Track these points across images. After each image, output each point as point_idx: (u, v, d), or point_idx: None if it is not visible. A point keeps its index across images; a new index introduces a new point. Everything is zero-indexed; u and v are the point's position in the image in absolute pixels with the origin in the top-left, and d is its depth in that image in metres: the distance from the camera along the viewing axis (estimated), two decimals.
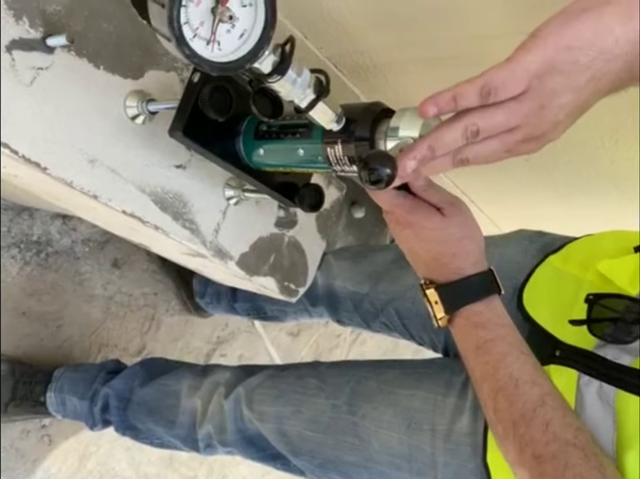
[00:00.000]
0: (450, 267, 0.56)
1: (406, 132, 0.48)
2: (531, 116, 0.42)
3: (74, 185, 0.60)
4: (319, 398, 0.77)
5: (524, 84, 0.41)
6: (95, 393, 1.02)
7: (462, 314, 0.56)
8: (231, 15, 0.38)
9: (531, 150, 0.45)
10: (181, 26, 0.37)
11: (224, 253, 0.76)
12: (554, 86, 0.40)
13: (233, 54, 0.41)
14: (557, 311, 0.66)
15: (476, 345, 0.55)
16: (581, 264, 0.69)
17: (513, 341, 0.54)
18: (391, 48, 0.73)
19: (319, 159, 0.55)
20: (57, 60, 0.57)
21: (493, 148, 0.44)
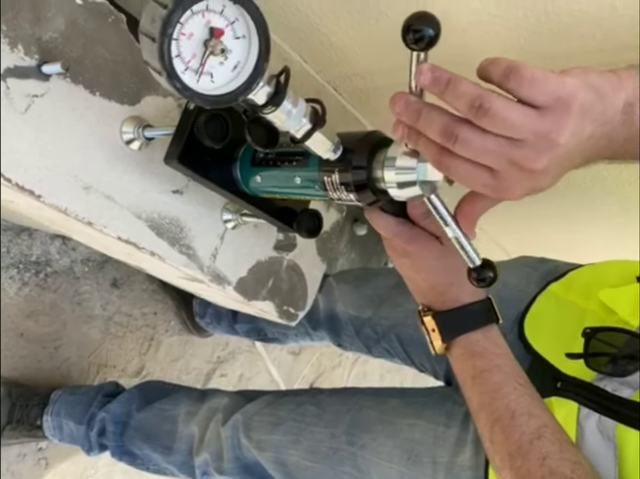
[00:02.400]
0: (448, 295, 0.55)
1: (404, 162, 0.48)
2: (540, 136, 0.36)
3: (69, 212, 0.60)
4: (318, 426, 0.76)
5: (551, 97, 0.36)
6: (92, 417, 1.00)
7: (459, 343, 0.55)
8: (223, 49, 0.37)
9: (512, 186, 0.39)
10: (172, 60, 0.36)
11: (222, 278, 0.75)
12: (571, 121, 0.36)
13: (226, 86, 0.40)
14: (559, 341, 0.65)
15: (473, 375, 0.54)
16: (583, 293, 0.68)
17: (510, 371, 0.53)
18: (392, 72, 0.72)
19: (316, 187, 0.54)
20: (53, 88, 0.57)
21: (490, 146, 0.37)
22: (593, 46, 0.58)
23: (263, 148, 0.50)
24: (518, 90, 0.36)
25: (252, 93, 0.41)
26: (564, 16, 0.54)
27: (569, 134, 0.37)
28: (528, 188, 0.40)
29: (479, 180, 0.40)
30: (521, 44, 0.61)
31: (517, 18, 0.57)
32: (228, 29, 0.39)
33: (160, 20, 0.35)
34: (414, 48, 0.38)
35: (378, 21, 0.63)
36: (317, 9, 0.63)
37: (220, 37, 0.38)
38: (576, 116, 0.36)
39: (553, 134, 0.36)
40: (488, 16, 0.58)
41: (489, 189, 0.40)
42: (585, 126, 0.37)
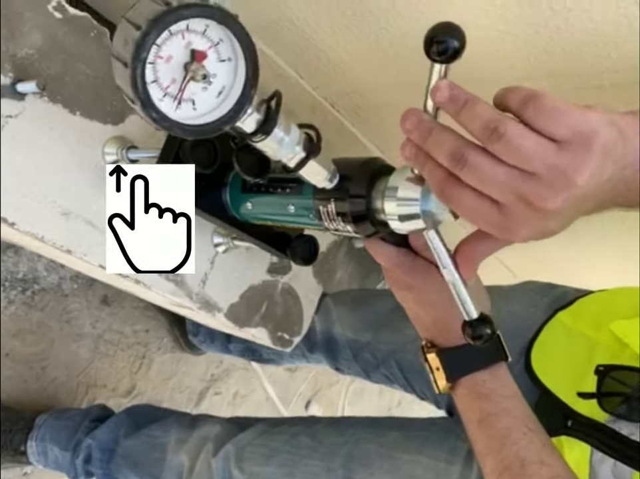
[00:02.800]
0: (453, 331, 0.51)
1: (406, 192, 0.44)
2: (556, 173, 0.32)
3: (46, 240, 0.56)
4: (313, 459, 0.72)
5: (571, 130, 0.32)
6: (78, 443, 0.96)
7: (464, 382, 0.52)
8: (205, 74, 0.33)
9: (518, 225, 0.35)
10: (146, 87, 0.32)
11: (212, 305, 0.71)
12: (592, 160, 0.32)
13: (210, 114, 0.36)
14: (569, 376, 0.61)
15: (479, 418, 0.50)
16: (594, 323, 0.64)
17: (519, 415, 0.50)
18: (391, 89, 0.69)
19: (310, 216, 0.51)
20: (28, 107, 0.53)
21: (500, 176, 0.33)
22: (607, 66, 0.54)
23: (253, 177, 0.46)
24: (537, 119, 0.33)
25: (239, 121, 0.37)
26: (578, 34, 0.51)
27: (589, 175, 0.32)
28: (536, 230, 0.36)
29: (483, 215, 0.36)
30: (531, 63, 0.57)
31: (527, 35, 0.53)
32: (211, 51, 0.35)
33: (133, 44, 0.31)
34: (436, 60, 0.34)
35: (378, 37, 0.60)
36: (314, 24, 0.60)
37: (202, 61, 0.34)
38: (598, 155, 0.32)
39: (571, 172, 0.32)
40: (496, 32, 0.54)
41: (494, 226, 0.36)
42: (606, 167, 0.33)
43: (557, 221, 0.35)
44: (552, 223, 0.35)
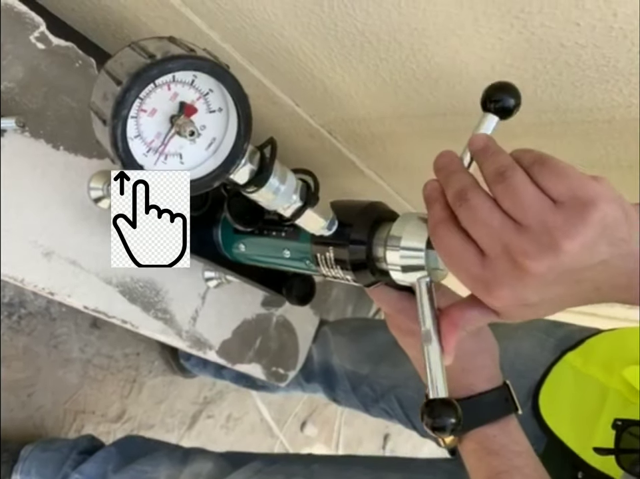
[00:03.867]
0: (460, 383, 0.49)
1: (410, 242, 0.41)
2: (545, 230, 0.31)
3: (26, 282, 0.53)
4: None
5: (569, 193, 0.31)
6: (64, 478, 0.92)
7: (472, 437, 0.48)
8: (193, 131, 0.30)
9: (496, 284, 0.33)
10: (127, 145, 0.29)
11: (202, 343, 0.68)
12: (584, 228, 0.30)
13: (199, 168, 0.33)
14: (580, 424, 0.58)
15: (488, 476, 0.47)
16: (604, 366, 0.61)
17: (531, 474, 0.46)
18: (391, 119, 0.66)
19: (307, 262, 0.48)
20: (8, 144, 0.50)
21: (493, 221, 0.33)
22: (619, 101, 0.51)
23: (246, 226, 0.43)
24: (541, 176, 0.32)
25: (232, 174, 0.35)
26: (589, 71, 0.48)
27: (578, 244, 0.30)
28: (514, 296, 0.33)
29: (466, 263, 0.34)
30: (538, 96, 0.54)
31: (535, 70, 0.50)
32: (200, 102, 0.32)
33: (113, 99, 0.28)
34: (491, 111, 0.40)
35: (378, 68, 0.57)
36: (310, 53, 0.57)
37: (192, 115, 0.31)
38: (592, 226, 0.30)
39: (559, 234, 0.31)
40: (502, 66, 0.51)
41: (473, 279, 0.34)
42: (599, 244, 0.31)
43: (538, 293, 0.33)
44: (532, 294, 0.33)
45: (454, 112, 0.60)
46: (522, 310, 0.35)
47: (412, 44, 0.52)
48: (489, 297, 0.34)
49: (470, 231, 0.34)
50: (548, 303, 0.34)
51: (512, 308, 0.34)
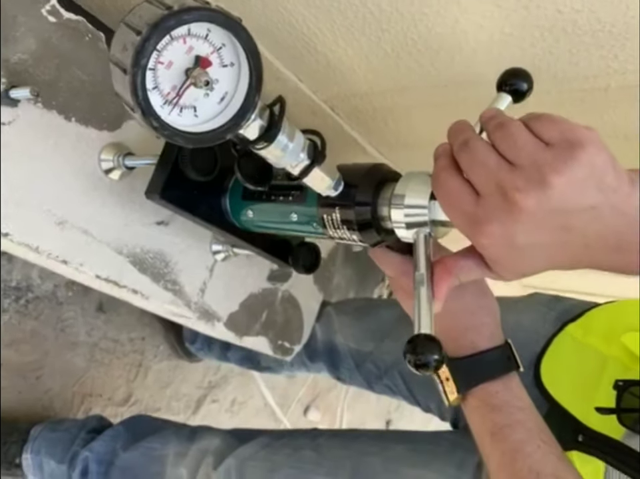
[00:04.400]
0: (463, 341, 0.50)
1: (413, 199, 0.42)
2: (535, 166, 0.33)
3: (41, 250, 0.54)
4: (317, 474, 0.70)
5: (560, 135, 0.33)
6: (74, 456, 0.94)
7: (475, 394, 0.50)
8: (207, 81, 0.32)
9: (487, 219, 0.34)
10: (147, 94, 0.31)
11: (211, 314, 0.70)
12: (572, 165, 0.32)
13: (212, 121, 0.35)
14: (580, 390, 0.60)
15: (491, 431, 0.48)
16: (604, 336, 0.63)
17: (533, 427, 0.48)
18: (392, 93, 0.68)
19: (314, 224, 0.49)
20: (22, 114, 0.52)
21: (489, 161, 0.35)
22: (614, 67, 0.53)
23: (255, 185, 0.45)
24: (535, 124, 0.35)
25: (242, 128, 0.36)
26: (585, 37, 0.50)
27: (566, 179, 0.32)
28: (503, 233, 0.34)
29: (460, 201, 0.36)
30: (536, 65, 0.56)
31: (533, 38, 0.52)
32: (214, 56, 0.33)
33: (132, 49, 0.29)
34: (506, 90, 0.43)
35: (380, 39, 0.58)
36: (314, 27, 0.58)
37: (207, 68, 0.32)
38: (581, 164, 0.32)
39: (548, 169, 0.33)
40: (501, 35, 0.53)
41: (465, 216, 0.36)
42: (588, 186, 0.33)
43: (526, 233, 0.34)
44: (521, 234, 0.34)
45: (454, 82, 0.62)
46: (510, 255, 0.36)
47: (413, 15, 0.54)
48: (479, 234, 0.35)
49: (467, 173, 0.36)
50: (536, 251, 0.35)
51: (500, 249, 0.35)
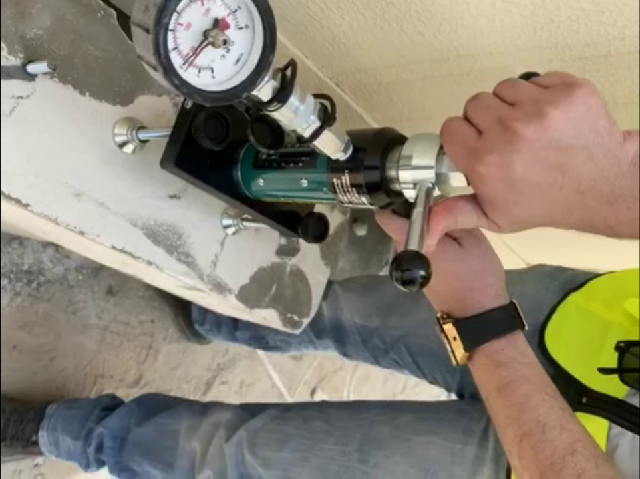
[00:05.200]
0: (469, 301, 0.52)
1: (421, 160, 0.44)
2: (533, 102, 0.36)
3: (59, 221, 0.56)
4: (328, 443, 0.72)
5: (559, 80, 0.36)
6: (89, 432, 0.96)
7: (482, 351, 0.52)
8: (225, 40, 0.34)
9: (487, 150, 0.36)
10: (168, 53, 0.33)
11: (223, 287, 0.72)
12: (568, 103, 0.35)
13: (228, 81, 0.36)
14: (583, 354, 0.62)
15: (498, 386, 0.50)
16: (606, 303, 0.65)
17: (538, 382, 0.50)
18: (396, 67, 0.69)
19: (324, 189, 0.51)
20: (39, 88, 0.53)
21: (492, 102, 0.38)
22: (614, 33, 0.54)
23: (268, 148, 0.46)
24: (538, 79, 0.38)
25: (257, 89, 0.38)
26: (585, 3, 0.51)
27: (562, 112, 0.35)
28: (501, 164, 0.36)
29: (463, 137, 0.38)
30: (537, 33, 0.57)
31: (534, 5, 0.53)
32: (230, 18, 0.35)
33: (155, 9, 0.31)
34: None
35: (384, 12, 0.60)
36: (319, 1, 0.60)
37: (225, 29, 0.34)
38: (576, 101, 0.35)
39: (546, 104, 0.35)
40: (502, 3, 0.54)
41: (466, 150, 0.38)
42: (583, 124, 0.35)
43: (523, 165, 0.35)
44: (518, 165, 0.35)
45: (457, 55, 0.63)
46: (507, 194, 0.37)
47: None
48: (479, 163, 0.37)
49: (471, 116, 0.38)
50: (533, 192, 0.37)
51: (498, 183, 0.37)
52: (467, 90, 0.69)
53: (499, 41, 0.60)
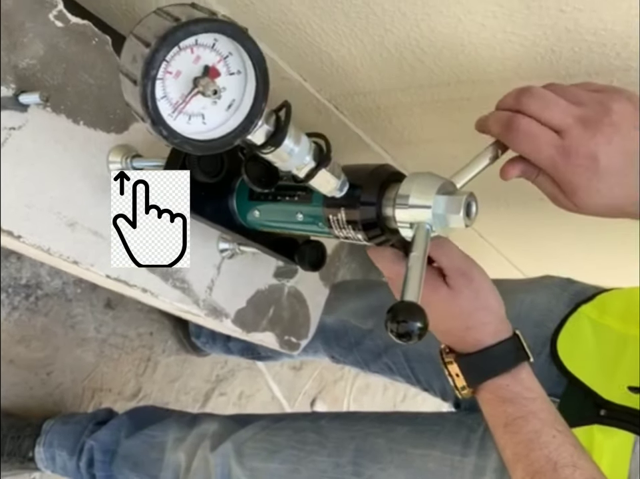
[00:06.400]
0: (467, 339, 0.51)
1: (418, 199, 0.43)
2: (596, 102, 0.41)
3: (52, 252, 0.55)
4: (320, 455, 0.70)
5: (596, 87, 0.43)
6: (82, 447, 0.95)
7: (486, 387, 0.50)
8: (215, 90, 0.33)
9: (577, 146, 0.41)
10: (156, 104, 0.32)
11: (219, 311, 0.71)
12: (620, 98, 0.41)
13: (220, 128, 0.36)
14: (600, 367, 0.61)
15: (505, 423, 0.49)
16: (621, 317, 0.64)
17: (546, 418, 0.48)
18: (396, 91, 0.68)
19: (320, 224, 0.50)
20: (31, 119, 0.52)
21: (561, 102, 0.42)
22: (617, 65, 0.53)
23: (262, 187, 0.46)
24: (579, 84, 0.44)
25: (249, 134, 0.37)
26: (587, 35, 0.50)
27: (623, 107, 0.41)
28: (592, 156, 0.40)
29: (547, 140, 0.42)
30: (538, 62, 0.56)
31: (535, 36, 0.52)
32: (221, 65, 0.34)
33: (142, 60, 0.30)
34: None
35: (383, 39, 0.59)
36: (317, 27, 0.59)
37: (216, 78, 0.33)
38: (626, 98, 0.41)
39: (607, 101, 0.41)
40: (503, 34, 0.53)
41: (555, 148, 0.41)
42: (634, 112, 0.41)
43: (607, 154, 0.40)
44: (604, 154, 0.40)
45: (457, 81, 0.62)
46: (593, 180, 0.41)
47: (415, 15, 0.54)
48: (574, 161, 0.41)
49: (541, 114, 0.41)
50: (612, 179, 0.41)
51: (587, 173, 0.41)
52: (468, 115, 0.68)
53: (501, 69, 0.59)
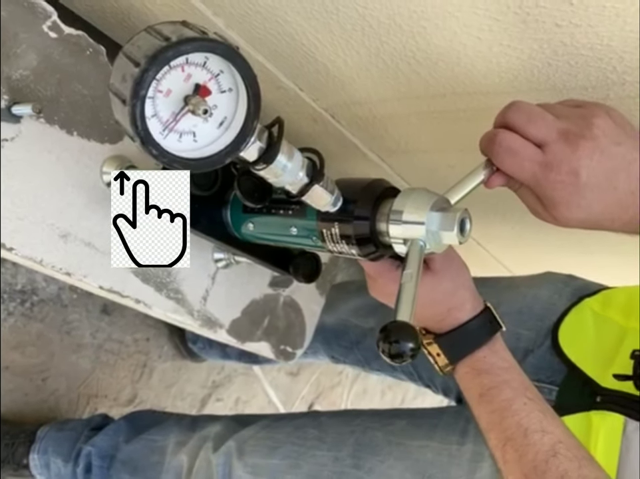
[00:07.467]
0: (447, 320, 0.52)
1: (411, 216, 0.43)
2: (579, 116, 0.43)
3: (44, 263, 0.55)
4: (320, 450, 0.70)
5: (577, 102, 0.45)
6: (78, 453, 0.95)
7: (465, 362, 0.52)
8: (206, 109, 0.32)
9: (558, 162, 0.41)
10: (146, 124, 0.31)
11: (213, 322, 0.71)
12: (601, 113, 0.42)
13: (211, 145, 0.35)
14: (598, 356, 0.62)
15: (480, 393, 0.50)
16: (623, 311, 0.65)
17: (518, 386, 0.50)
18: (392, 101, 0.68)
19: (314, 238, 0.50)
20: (24, 130, 0.52)
21: (546, 116, 0.43)
22: (613, 79, 0.53)
23: (255, 203, 0.45)
24: (561, 102, 0.46)
25: (241, 151, 0.37)
26: (583, 50, 0.50)
27: (605, 123, 0.41)
28: (571, 172, 0.41)
29: (529, 154, 0.42)
30: (535, 76, 0.56)
31: (531, 50, 0.52)
32: (212, 83, 0.34)
33: (131, 80, 0.30)
34: None
35: (379, 51, 0.59)
36: (313, 38, 0.59)
37: (207, 96, 0.33)
38: (606, 113, 0.42)
39: (589, 117, 0.42)
40: (499, 47, 0.53)
41: (537, 164, 0.42)
42: (622, 133, 0.41)
43: (589, 168, 0.41)
44: (584, 169, 0.41)
45: (453, 92, 0.62)
46: (574, 194, 0.41)
47: (411, 28, 0.54)
48: (554, 177, 0.41)
49: (525, 128, 0.42)
50: (594, 192, 0.41)
51: (569, 188, 0.41)
52: (464, 126, 0.68)
53: (497, 81, 0.59)
